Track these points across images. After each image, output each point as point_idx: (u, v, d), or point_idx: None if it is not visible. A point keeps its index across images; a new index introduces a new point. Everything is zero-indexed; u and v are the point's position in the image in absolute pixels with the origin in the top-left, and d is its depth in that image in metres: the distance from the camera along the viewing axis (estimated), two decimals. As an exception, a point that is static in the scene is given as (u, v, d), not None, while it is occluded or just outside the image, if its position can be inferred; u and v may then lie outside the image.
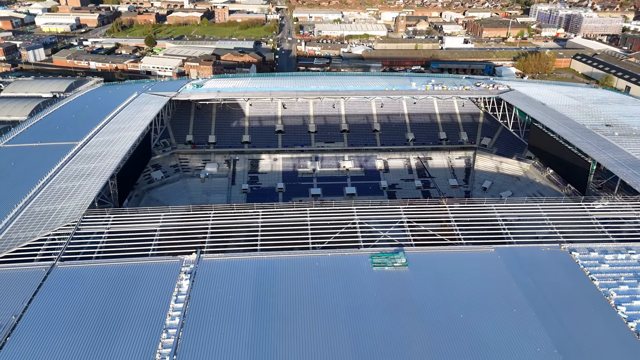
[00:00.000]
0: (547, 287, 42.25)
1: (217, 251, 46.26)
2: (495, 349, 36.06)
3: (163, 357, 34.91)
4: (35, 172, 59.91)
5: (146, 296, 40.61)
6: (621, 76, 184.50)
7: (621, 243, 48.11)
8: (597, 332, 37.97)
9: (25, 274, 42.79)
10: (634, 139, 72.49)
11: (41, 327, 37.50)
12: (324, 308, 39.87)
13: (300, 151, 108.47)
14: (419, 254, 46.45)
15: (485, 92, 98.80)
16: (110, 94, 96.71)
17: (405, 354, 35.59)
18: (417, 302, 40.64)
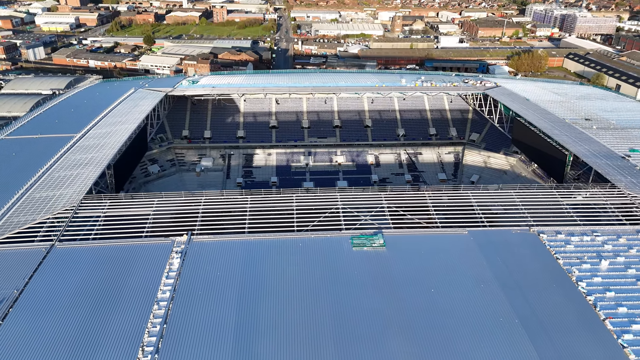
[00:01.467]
0: (514, 266, 45.22)
1: (207, 233, 49.17)
2: (460, 319, 39.03)
3: (154, 326, 37.84)
4: (36, 162, 62.80)
5: (140, 273, 43.53)
6: (612, 75, 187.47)
7: (587, 226, 51.07)
8: (557, 304, 40.91)
9: (26, 253, 45.68)
10: (611, 132, 75.45)
11: (41, 300, 40.39)
12: (307, 284, 42.79)
13: (293, 146, 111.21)
14: (397, 235, 49.40)
15: (472, 88, 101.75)
16: (108, 90, 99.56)
17: (380, 323, 38.52)
18: (392, 278, 43.57)
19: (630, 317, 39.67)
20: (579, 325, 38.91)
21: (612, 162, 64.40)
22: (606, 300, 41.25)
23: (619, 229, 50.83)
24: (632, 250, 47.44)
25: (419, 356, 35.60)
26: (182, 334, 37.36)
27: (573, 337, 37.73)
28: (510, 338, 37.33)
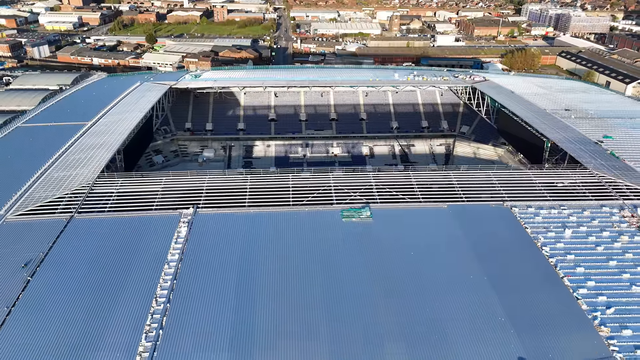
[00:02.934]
0: (487, 234, 50.45)
1: (211, 206, 54.34)
2: (434, 277, 44.31)
3: (166, 281, 43.03)
4: (51, 146, 67.96)
5: (151, 239, 48.73)
6: (602, 72, 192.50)
7: (556, 201, 56.25)
8: (522, 265, 46.13)
9: (49, 222, 50.84)
10: (588, 120, 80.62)
11: (64, 261, 45.57)
12: (300, 249, 48.00)
13: (291, 138, 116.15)
14: (383, 209, 54.56)
15: (461, 82, 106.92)
16: (115, 84, 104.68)
17: (365, 281, 43.74)
18: (376, 243, 48.79)
19: (586, 275, 44.84)
20: (540, 282, 44.10)
21: (585, 147, 69.54)
22: (566, 262, 46.42)
23: (585, 204, 55.99)
24: (595, 222, 52.61)
25: (397, 305, 40.80)
26: (190, 288, 42.55)
27: (534, 291, 42.92)
28: (478, 292, 42.52)
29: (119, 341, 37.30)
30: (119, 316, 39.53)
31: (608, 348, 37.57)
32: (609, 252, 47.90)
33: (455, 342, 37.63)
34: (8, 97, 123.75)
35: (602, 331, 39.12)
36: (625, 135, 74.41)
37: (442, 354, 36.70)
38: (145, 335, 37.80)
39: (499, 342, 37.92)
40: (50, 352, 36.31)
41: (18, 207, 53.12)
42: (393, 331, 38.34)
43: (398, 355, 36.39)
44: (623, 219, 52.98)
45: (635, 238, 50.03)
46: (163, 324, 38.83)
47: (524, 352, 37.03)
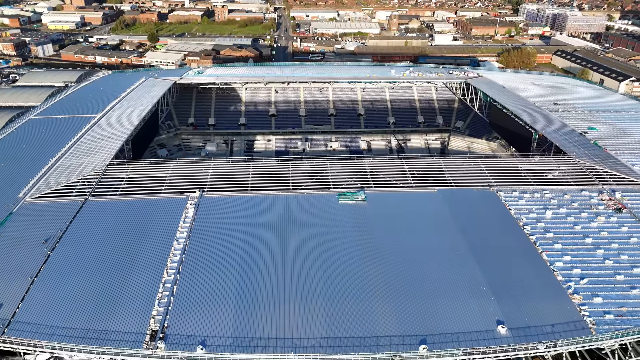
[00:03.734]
0: (473, 214, 54.25)
1: (216, 190, 58.07)
2: (423, 252, 48.04)
3: (175, 256, 46.75)
4: (64, 136, 71.69)
5: (161, 219, 52.48)
6: (596, 70, 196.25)
7: (539, 186, 60.00)
8: (505, 242, 49.91)
9: (65, 204, 54.56)
10: (575, 114, 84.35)
11: (81, 238, 49.32)
12: (299, 227, 51.82)
13: (291, 133, 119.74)
14: (376, 193, 58.32)
15: (455, 78, 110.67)
16: (121, 79, 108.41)
17: (358, 255, 47.50)
18: (370, 223, 52.56)
19: (563, 251, 48.56)
20: (520, 256, 47.85)
21: (570, 137, 73.28)
22: (545, 239, 50.16)
23: (566, 188, 59.74)
24: (574, 204, 56.37)
25: (386, 273, 44.63)
26: (197, 261, 46.32)
27: (514, 264, 46.68)
28: (462, 264, 46.32)
29: (134, 306, 41.00)
30: (133, 285, 43.23)
31: (579, 313, 41.27)
32: (585, 230, 51.64)
33: (438, 306, 41.37)
34: (15, 94, 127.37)
35: (575, 299, 42.81)
36: (609, 127, 78.11)
37: (426, 315, 40.40)
38: (157, 301, 41.51)
39: (479, 307, 41.62)
40: (70, 316, 39.98)
41: (35, 191, 56.86)
42: (381, 294, 42.20)
43: (386, 316, 40.11)
44: (601, 202, 56.71)
45: (611, 219, 53.75)
46: (174, 292, 42.54)
47: (502, 315, 40.74)
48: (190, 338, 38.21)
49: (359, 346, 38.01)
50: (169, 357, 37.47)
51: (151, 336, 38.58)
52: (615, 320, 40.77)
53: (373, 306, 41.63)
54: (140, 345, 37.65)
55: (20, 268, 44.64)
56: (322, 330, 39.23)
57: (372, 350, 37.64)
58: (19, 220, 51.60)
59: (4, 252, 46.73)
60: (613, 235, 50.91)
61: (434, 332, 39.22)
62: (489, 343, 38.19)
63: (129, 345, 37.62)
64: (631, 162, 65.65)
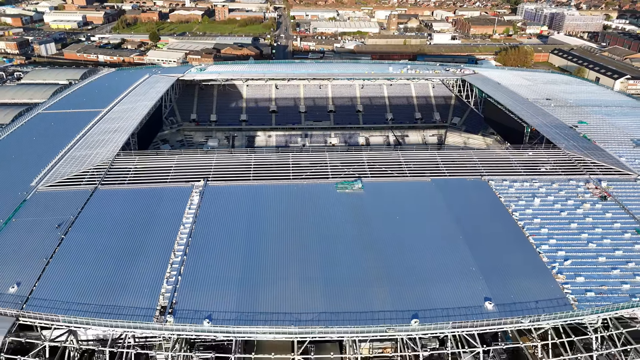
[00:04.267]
0: (464, 202, 56.94)
1: (219, 180, 60.71)
2: (417, 237, 50.76)
3: (182, 239, 49.40)
4: (72, 129, 74.32)
5: (168, 206, 55.16)
6: (592, 68, 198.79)
7: (529, 176, 62.66)
8: (494, 227, 52.63)
9: (76, 192, 57.22)
10: (566, 109, 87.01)
11: (92, 223, 51.94)
12: (299, 214, 54.48)
13: (291, 129, 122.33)
14: (373, 182, 60.99)
15: (451, 75, 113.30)
16: (125, 76, 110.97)
17: (354, 238, 50.17)
18: (366, 210, 55.25)
19: (550, 235, 51.22)
20: (508, 240, 50.56)
21: (560, 130, 75.94)
22: (533, 224, 52.83)
23: (555, 178, 62.41)
24: (562, 192, 59.04)
25: (381, 257, 47.28)
26: (203, 244, 48.99)
27: (502, 247, 49.40)
28: (453, 247, 49.06)
29: (144, 284, 43.66)
30: (143, 266, 45.90)
31: (562, 291, 43.94)
32: (571, 216, 54.33)
33: (430, 285, 44.05)
34: (20, 91, 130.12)
35: (559, 278, 45.48)
36: (599, 121, 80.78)
37: (419, 293, 43.08)
38: (166, 280, 44.18)
39: (468, 286, 44.30)
40: (84, 294, 42.61)
41: (47, 180, 59.53)
42: (376, 276, 44.86)
43: (381, 294, 42.79)
44: (587, 190, 59.40)
45: (596, 206, 56.44)
46: (181, 271, 45.22)
47: (489, 293, 43.40)
48: (197, 313, 40.85)
49: (355, 320, 40.66)
50: (178, 330, 40.12)
51: (161, 311, 41.25)
52: (596, 297, 43.42)
53: (369, 285, 44.30)
54: (150, 319, 40.30)
55: (35, 250, 47.29)
56: (321, 306, 41.88)
57: (367, 324, 40.29)
58: (33, 207, 54.26)
59: (19, 235, 49.40)
60: (597, 221, 53.58)
61: (425, 308, 41.89)
62: (477, 317, 40.83)
63: (140, 319, 40.25)
64: (618, 154, 68.33)
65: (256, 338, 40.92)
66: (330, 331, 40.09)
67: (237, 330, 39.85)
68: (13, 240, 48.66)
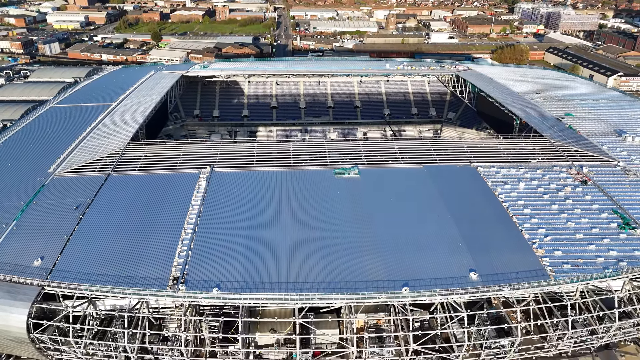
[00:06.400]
0: (454, 186, 60.92)
1: (224, 167, 64.69)
2: (408, 216, 54.71)
3: (191, 219, 53.39)
4: (84, 122, 78.32)
5: (177, 190, 59.13)
6: (586, 66, 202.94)
7: (515, 163, 66.62)
8: (481, 208, 56.60)
9: (90, 178, 61.22)
10: (555, 102, 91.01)
11: (107, 205, 55.91)
12: (299, 197, 58.46)
13: (292, 124, 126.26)
14: (369, 169, 65.01)
15: (446, 71, 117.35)
16: (131, 73, 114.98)
17: (350, 218, 54.16)
18: (362, 193, 59.26)
19: (532, 215, 55.21)
20: (493, 219, 54.56)
21: (547, 122, 79.91)
22: (517, 206, 56.81)
23: (539, 165, 66.39)
24: (545, 177, 63.04)
25: (375, 233, 51.28)
26: (211, 223, 53.00)
27: (488, 225, 53.37)
28: (442, 226, 53.05)
29: (157, 258, 47.64)
30: (155, 242, 49.88)
31: (541, 263, 47.90)
32: (553, 199, 58.32)
33: (420, 259, 48.05)
34: (28, 89, 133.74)
35: (538, 252, 49.45)
36: (585, 113, 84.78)
37: (409, 265, 47.07)
38: (177, 254, 48.15)
39: (455, 259, 48.28)
40: (103, 266, 46.53)
41: (63, 167, 63.53)
42: (371, 249, 48.90)
43: (374, 266, 46.77)
44: (569, 175, 63.39)
45: (577, 189, 60.40)
46: (191, 247, 49.19)
47: (474, 265, 47.36)
48: (207, 282, 44.81)
49: (351, 289, 44.64)
50: (190, 297, 44.07)
51: (173, 281, 45.21)
52: (572, 269, 47.39)
53: (363, 259, 48.27)
54: (164, 288, 44.28)
55: (56, 229, 51.27)
56: (320, 276, 45.86)
57: (362, 292, 44.27)
58: (51, 191, 58.23)
59: (41, 216, 53.39)
60: (577, 203, 57.55)
61: (415, 278, 45.84)
62: (462, 286, 44.80)
63: (155, 287, 44.21)
64: (601, 143, 72.32)
65: (261, 304, 44.88)
66: (328, 298, 44.07)
67: (243, 297, 43.83)
68: (35, 220, 52.63)
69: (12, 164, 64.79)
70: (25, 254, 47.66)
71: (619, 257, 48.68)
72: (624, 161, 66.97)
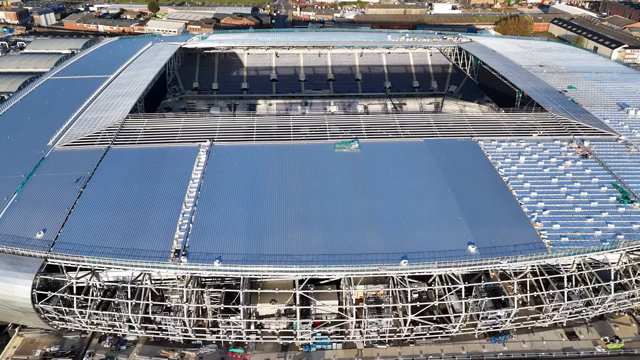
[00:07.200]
0: (454, 159, 60.89)
1: (224, 140, 64.45)
2: (408, 190, 54.88)
3: (191, 192, 53.55)
4: (82, 94, 77.63)
5: (177, 163, 59.10)
6: (591, 38, 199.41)
7: (516, 136, 66.33)
8: (481, 182, 56.73)
9: (90, 151, 61.09)
10: (558, 75, 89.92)
11: (108, 178, 55.99)
12: (300, 170, 58.47)
13: (291, 97, 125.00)
14: (369, 142, 64.79)
15: (448, 43, 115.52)
16: (129, 45, 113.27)
17: (350, 191, 54.35)
18: (362, 167, 59.25)
19: (531, 189, 55.36)
20: (493, 193, 54.74)
21: (550, 95, 79.16)
22: (516, 180, 56.90)
23: (540, 139, 66.12)
24: (546, 151, 62.87)
25: (374, 206, 51.55)
26: (211, 196, 53.20)
27: (487, 199, 53.63)
28: (442, 199, 53.28)
29: (159, 231, 48.03)
30: (156, 215, 50.18)
31: (539, 236, 48.30)
32: (553, 172, 58.35)
33: (419, 232, 48.45)
34: (24, 60, 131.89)
35: (537, 226, 49.80)
36: (588, 86, 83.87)
37: (408, 238, 47.49)
38: (179, 227, 48.52)
39: (454, 232, 48.68)
40: (105, 239, 46.93)
41: (62, 140, 63.33)
42: (371, 223, 49.30)
43: (374, 239, 47.20)
44: (570, 149, 63.23)
45: (577, 163, 60.37)
46: (192, 220, 49.51)
47: (473, 238, 47.79)
48: (209, 255, 45.34)
49: (350, 261, 45.17)
50: (191, 269, 44.67)
51: (175, 253, 45.70)
52: (570, 242, 47.85)
53: (363, 232, 48.67)
54: (166, 260, 44.82)
55: (57, 202, 51.52)
56: (320, 249, 46.36)
57: (361, 264, 44.81)
58: (51, 164, 58.22)
59: (41, 189, 53.56)
60: (577, 177, 57.60)
61: (414, 250, 46.32)
62: (460, 258, 45.37)
63: (156, 259, 44.75)
64: (603, 116, 71.84)
65: (262, 275, 45.49)
66: (328, 270, 44.66)
67: (245, 269, 44.40)
68: (36, 193, 52.84)
69: (11, 136, 64.55)
70: (27, 226, 48.04)
71: (617, 230, 49.04)
72: (626, 135, 66.68)
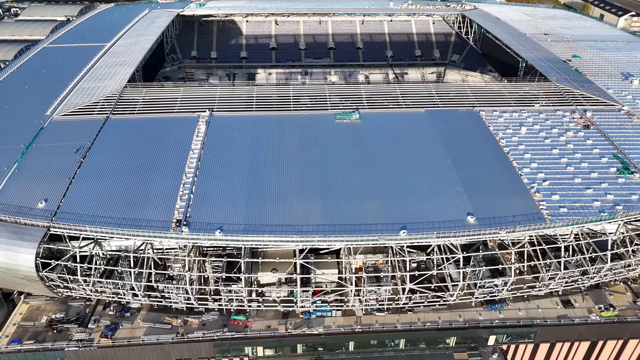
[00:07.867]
0: (455, 130, 60.61)
1: (224, 110, 63.97)
2: (408, 160, 54.92)
3: (192, 162, 53.54)
4: (79, 63, 76.52)
5: (177, 133, 58.87)
6: (597, 5, 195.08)
7: (518, 107, 65.79)
8: (481, 153, 56.70)
9: (89, 121, 60.74)
10: (563, 43, 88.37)
11: (108, 149, 55.89)
12: (300, 141, 58.29)
13: (291, 66, 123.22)
14: (370, 113, 64.35)
15: (452, 10, 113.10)
16: (125, 11, 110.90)
17: (350, 162, 54.39)
18: (362, 138, 59.06)
19: (532, 160, 55.36)
20: (493, 164, 54.75)
21: (553, 64, 78.03)
22: (517, 151, 56.81)
23: (543, 109, 65.60)
24: (548, 122, 62.52)
25: (374, 177, 51.70)
26: (211, 166, 53.25)
27: (487, 170, 53.71)
28: (442, 170, 53.43)
29: (160, 201, 48.27)
30: (157, 185, 50.34)
31: (538, 207, 48.57)
32: (554, 143, 58.16)
33: (418, 202, 48.71)
34: (19, 28, 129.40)
35: (536, 196, 50.00)
36: (593, 55, 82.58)
37: (407, 209, 47.80)
38: (179, 197, 48.74)
39: (453, 203, 48.92)
40: (107, 208, 47.16)
41: (61, 110, 62.89)
42: (370, 193, 49.54)
43: (373, 209, 47.52)
44: (572, 120, 62.82)
45: (579, 134, 60.08)
46: (193, 190, 49.68)
47: (472, 208, 48.06)
48: (210, 225, 45.67)
49: (350, 231, 45.58)
50: (192, 238, 45.14)
51: (176, 223, 46.06)
52: (568, 212, 48.13)
53: (363, 202, 48.91)
54: (168, 229, 45.22)
55: (58, 171, 51.58)
56: (320, 219, 46.68)
57: (361, 234, 45.25)
58: (50, 134, 57.99)
59: (42, 159, 53.54)
60: (578, 147, 57.45)
61: (413, 221, 46.65)
62: (459, 228, 45.73)
63: (158, 229, 45.14)
64: (606, 86, 71.03)
65: (263, 245, 46.03)
66: (328, 240, 45.14)
67: (245, 239, 44.86)
68: (36, 163, 52.84)
69: (9, 106, 64.05)
70: (29, 196, 48.22)
71: (616, 201, 49.27)
72: (629, 105, 66.10)
